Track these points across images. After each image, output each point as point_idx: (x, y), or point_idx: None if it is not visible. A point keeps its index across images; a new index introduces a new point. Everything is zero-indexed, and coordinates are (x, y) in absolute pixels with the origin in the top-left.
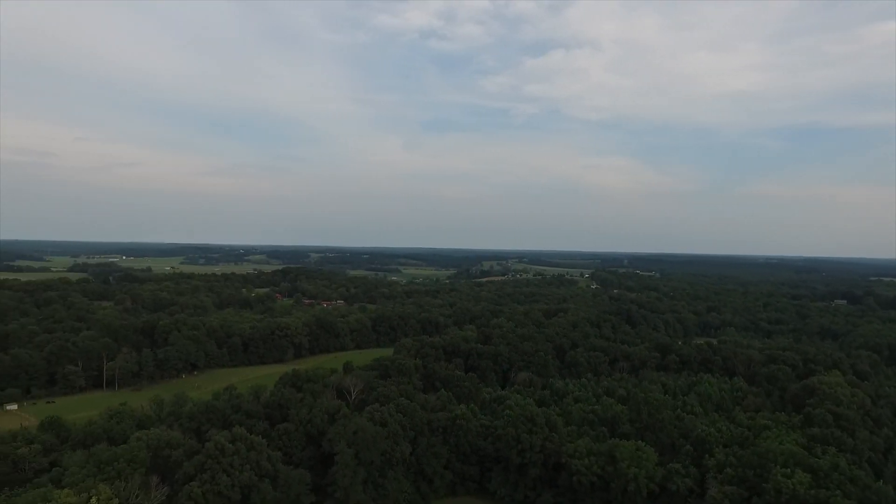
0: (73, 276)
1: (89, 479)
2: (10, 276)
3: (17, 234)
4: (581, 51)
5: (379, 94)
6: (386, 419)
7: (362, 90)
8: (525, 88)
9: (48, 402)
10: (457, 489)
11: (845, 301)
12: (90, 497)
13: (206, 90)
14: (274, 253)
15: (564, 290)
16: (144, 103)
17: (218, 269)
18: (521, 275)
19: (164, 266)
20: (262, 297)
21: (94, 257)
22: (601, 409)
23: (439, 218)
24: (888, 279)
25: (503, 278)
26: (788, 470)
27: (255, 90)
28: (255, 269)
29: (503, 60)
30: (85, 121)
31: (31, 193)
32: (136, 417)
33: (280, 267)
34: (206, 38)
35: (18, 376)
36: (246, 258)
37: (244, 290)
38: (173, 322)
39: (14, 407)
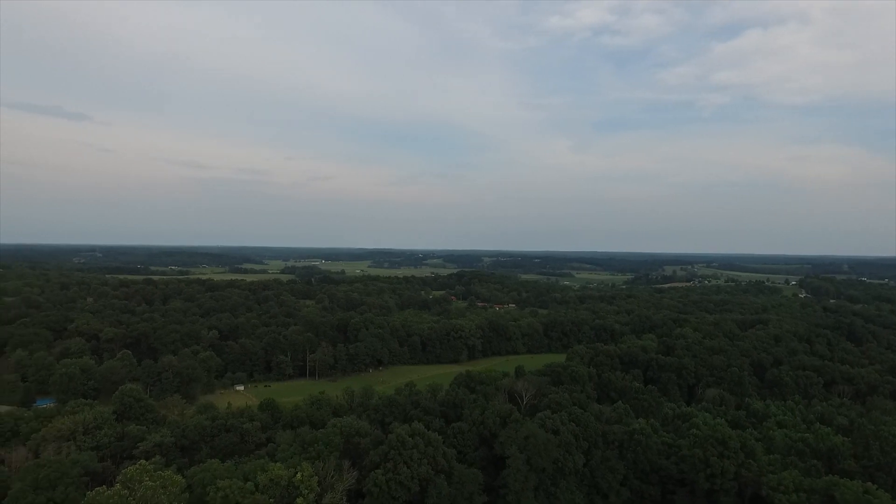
0: (284, 278)
1: (296, 457)
2: (239, 277)
3: (244, 242)
4: (784, 27)
5: (548, 98)
6: (558, 427)
7: (531, 94)
8: (713, 77)
9: (266, 386)
10: None
11: None
12: (296, 472)
13: (390, 107)
14: (449, 257)
15: (764, 299)
16: (339, 123)
17: (400, 273)
18: (709, 281)
19: (355, 269)
20: (438, 299)
21: (300, 261)
22: (813, 438)
23: (614, 220)
24: None
25: (688, 284)
26: None
27: (431, 103)
28: (432, 273)
29: (686, 49)
30: (293, 142)
31: (254, 206)
32: (332, 405)
33: (455, 270)
34: (390, 60)
35: (244, 362)
36: (424, 262)
37: (423, 292)
38: (362, 320)
39: (241, 388)
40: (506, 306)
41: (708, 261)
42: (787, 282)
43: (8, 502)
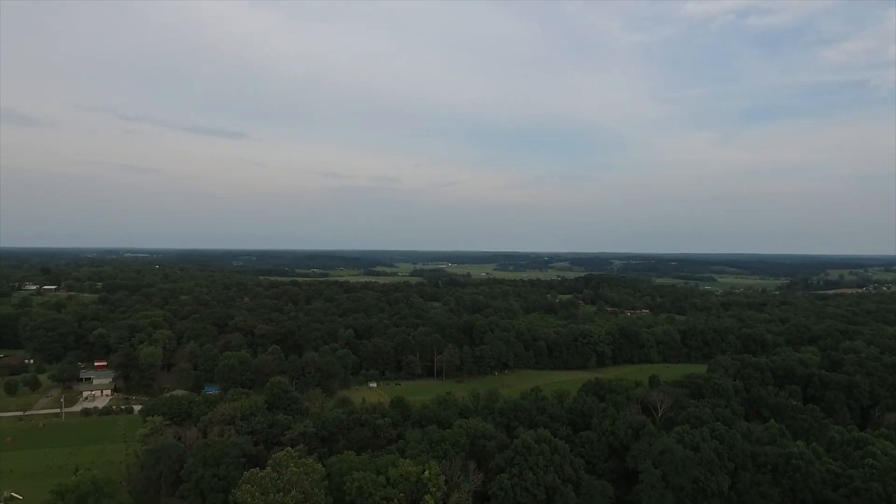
0: (413, 280)
1: (424, 455)
2: (372, 279)
3: (376, 246)
4: None
5: (685, 90)
6: (698, 443)
7: (666, 88)
8: (890, 50)
9: (396, 384)
10: None
11: None
12: (424, 470)
13: (514, 109)
14: (576, 260)
15: None
16: (464, 128)
17: (525, 276)
18: (888, 287)
19: (480, 272)
20: (565, 303)
21: (428, 264)
22: None
23: (763, 219)
24: None
25: (860, 290)
26: None
27: (556, 103)
28: (558, 276)
29: (853, 20)
30: (420, 149)
31: (385, 212)
32: (458, 406)
33: (582, 274)
34: (513, 62)
35: (377, 360)
36: (550, 265)
37: (549, 295)
38: (488, 323)
39: (374, 385)
40: (638, 312)
41: (886, 263)
42: None
43: (185, 473)
